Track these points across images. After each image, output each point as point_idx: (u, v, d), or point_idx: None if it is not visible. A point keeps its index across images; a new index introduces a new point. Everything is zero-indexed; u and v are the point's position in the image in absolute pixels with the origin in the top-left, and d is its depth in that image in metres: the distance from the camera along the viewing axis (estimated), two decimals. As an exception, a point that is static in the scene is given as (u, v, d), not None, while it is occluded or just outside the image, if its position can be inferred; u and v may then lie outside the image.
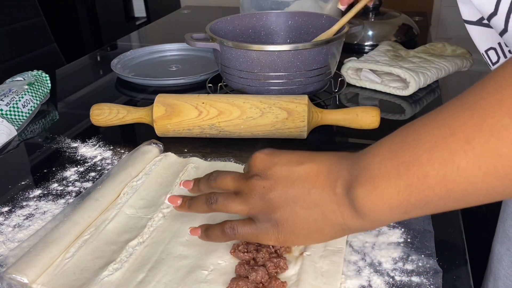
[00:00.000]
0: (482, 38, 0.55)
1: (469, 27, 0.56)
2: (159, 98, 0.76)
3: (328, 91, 0.92)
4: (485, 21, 0.53)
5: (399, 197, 0.36)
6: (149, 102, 0.80)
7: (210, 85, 0.93)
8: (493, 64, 0.55)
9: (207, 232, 0.49)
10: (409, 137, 0.36)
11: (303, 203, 0.42)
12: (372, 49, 1.10)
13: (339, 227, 0.42)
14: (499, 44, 0.54)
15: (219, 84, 0.92)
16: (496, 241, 0.67)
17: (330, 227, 0.42)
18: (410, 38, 1.25)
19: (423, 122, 0.36)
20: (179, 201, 0.52)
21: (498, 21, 0.50)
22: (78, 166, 0.71)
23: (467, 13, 0.55)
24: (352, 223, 0.41)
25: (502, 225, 0.65)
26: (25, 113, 0.86)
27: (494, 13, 0.50)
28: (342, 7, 0.82)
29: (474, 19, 0.55)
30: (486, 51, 0.55)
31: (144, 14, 2.63)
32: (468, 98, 0.34)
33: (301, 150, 0.46)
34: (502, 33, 0.50)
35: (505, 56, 0.54)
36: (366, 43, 1.22)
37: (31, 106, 0.87)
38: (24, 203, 0.63)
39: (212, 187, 0.49)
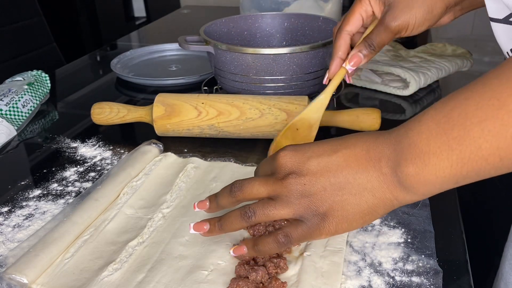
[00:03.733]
0: (507, 37, 0.54)
1: (494, 25, 0.55)
2: (159, 98, 0.76)
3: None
4: None
5: (451, 171, 0.37)
6: (148, 102, 0.80)
7: (206, 88, 0.93)
8: None
9: (257, 247, 0.46)
10: (454, 112, 0.37)
11: (351, 189, 0.42)
12: (372, 49, 1.10)
13: (390, 204, 0.42)
14: None
15: (215, 87, 0.92)
16: (508, 246, 0.66)
17: (382, 206, 0.42)
18: (411, 38, 1.24)
19: (466, 96, 0.37)
20: (206, 226, 0.48)
21: None
22: (78, 166, 0.71)
23: (494, 10, 0.54)
24: (403, 198, 0.41)
25: None
26: (25, 113, 0.86)
27: None
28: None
29: (501, 16, 0.54)
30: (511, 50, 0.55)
31: (144, 14, 2.63)
32: (508, 69, 0.35)
33: (324, 140, 0.45)
34: None
35: None
36: (366, 43, 1.21)
37: (30, 106, 0.87)
38: (24, 203, 0.63)
39: (237, 198, 0.46)
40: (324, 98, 0.67)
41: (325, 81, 0.67)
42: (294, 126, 0.63)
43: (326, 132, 0.79)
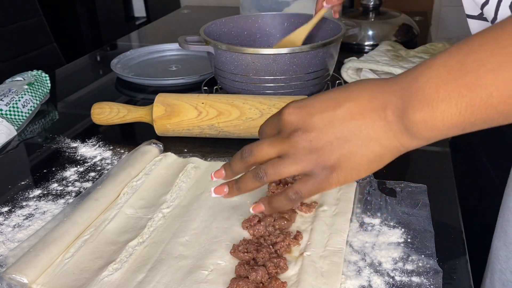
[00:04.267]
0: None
1: (470, 22, 0.57)
2: (159, 98, 0.76)
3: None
4: (485, 15, 0.54)
5: (459, 118, 0.37)
6: (149, 102, 0.80)
7: (206, 87, 0.93)
8: None
9: (272, 204, 0.48)
10: (468, 58, 0.36)
11: (357, 141, 0.42)
12: (372, 49, 1.10)
13: (396, 150, 0.42)
14: None
15: (215, 87, 0.92)
16: (494, 236, 0.67)
17: (389, 153, 0.42)
18: (410, 38, 1.25)
19: (481, 43, 0.36)
20: (226, 189, 0.50)
21: (489, 10, 0.52)
22: (78, 166, 0.71)
23: (469, 8, 0.56)
24: (410, 144, 0.41)
25: (500, 220, 0.66)
26: (25, 113, 0.86)
27: (486, 2, 0.52)
28: (327, 6, 0.87)
29: (475, 13, 0.55)
30: None
31: (144, 14, 2.63)
32: None
33: (328, 92, 0.45)
34: (493, 21, 0.52)
35: None
36: (366, 43, 1.22)
37: (30, 106, 0.87)
38: (24, 203, 0.63)
39: (249, 163, 0.48)
40: (307, 24, 0.87)
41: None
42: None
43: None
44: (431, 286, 0.46)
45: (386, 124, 0.41)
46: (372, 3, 1.27)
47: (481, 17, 0.56)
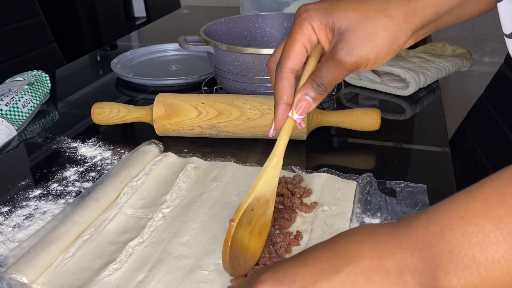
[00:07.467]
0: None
1: (509, 42, 0.48)
2: (159, 98, 0.76)
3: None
4: None
5: None
6: (149, 102, 0.80)
7: (206, 88, 0.93)
8: None
9: None
10: None
11: None
12: (372, 49, 1.10)
13: None
14: None
15: (215, 87, 0.92)
16: None
17: None
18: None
19: None
20: None
21: None
22: (78, 166, 0.71)
23: (508, 25, 0.47)
24: None
25: None
26: (25, 113, 0.86)
27: None
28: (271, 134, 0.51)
29: None
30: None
31: (144, 14, 2.63)
32: None
33: (310, 251, 0.35)
34: None
35: None
36: (366, 43, 1.22)
37: (31, 106, 0.87)
38: (24, 203, 0.63)
39: None
40: (276, 163, 0.49)
41: (271, 133, 0.50)
42: (248, 208, 0.48)
43: (326, 132, 0.79)
44: (431, 286, 0.46)
45: None
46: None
47: None
